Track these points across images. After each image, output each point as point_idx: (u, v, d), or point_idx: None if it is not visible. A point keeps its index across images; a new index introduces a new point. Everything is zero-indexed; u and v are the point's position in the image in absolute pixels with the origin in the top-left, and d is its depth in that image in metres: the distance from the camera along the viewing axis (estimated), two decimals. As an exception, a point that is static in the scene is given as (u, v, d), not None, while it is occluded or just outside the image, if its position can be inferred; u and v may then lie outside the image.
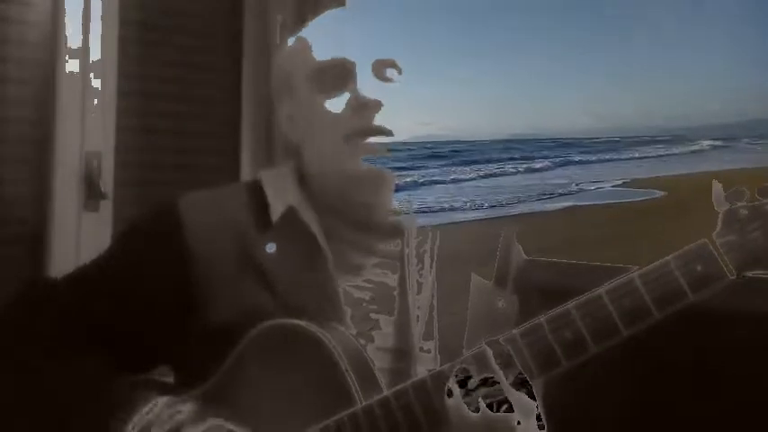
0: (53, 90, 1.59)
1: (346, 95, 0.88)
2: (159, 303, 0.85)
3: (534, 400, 0.69)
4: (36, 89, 1.59)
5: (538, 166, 25.21)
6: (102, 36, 1.64)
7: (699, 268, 0.71)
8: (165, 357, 0.89)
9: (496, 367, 0.70)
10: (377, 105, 0.87)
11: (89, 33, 1.63)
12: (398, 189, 0.96)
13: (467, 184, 19.70)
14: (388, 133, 0.88)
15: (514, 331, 0.73)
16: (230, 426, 0.77)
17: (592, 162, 27.97)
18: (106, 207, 1.64)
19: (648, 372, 1.25)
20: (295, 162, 0.96)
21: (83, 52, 1.62)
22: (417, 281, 0.94)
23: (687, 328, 1.18)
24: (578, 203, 13.56)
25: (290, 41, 0.98)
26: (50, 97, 1.59)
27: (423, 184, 18.69)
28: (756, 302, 1.14)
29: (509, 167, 24.47)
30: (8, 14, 1.56)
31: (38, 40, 1.59)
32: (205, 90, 1.85)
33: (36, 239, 1.57)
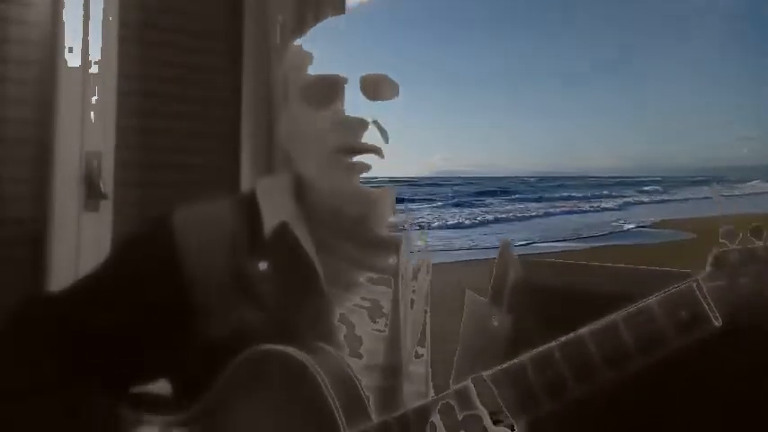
0: (53, 90, 1.59)
1: (335, 110, 0.86)
2: (155, 317, 0.84)
3: None
4: (36, 89, 1.59)
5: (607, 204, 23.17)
6: (103, 36, 1.65)
7: (683, 314, 0.69)
8: (162, 370, 0.88)
9: (479, 404, 0.69)
10: (361, 124, 0.85)
11: (89, 33, 1.63)
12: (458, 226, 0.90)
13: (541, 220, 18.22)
14: (377, 152, 0.86)
15: (498, 369, 0.72)
16: None
17: (645, 203, 25.43)
18: (106, 207, 1.65)
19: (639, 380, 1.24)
20: (292, 172, 0.95)
21: (83, 52, 1.62)
22: (411, 296, 0.92)
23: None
24: (607, 243, 13.13)
25: (293, 46, 0.95)
26: (50, 97, 1.59)
27: (483, 222, 16.79)
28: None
29: (573, 205, 22.51)
30: (8, 14, 1.56)
31: (38, 40, 1.60)
32: (205, 90, 1.85)
33: (36, 239, 1.58)
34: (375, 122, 0.86)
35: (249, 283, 0.84)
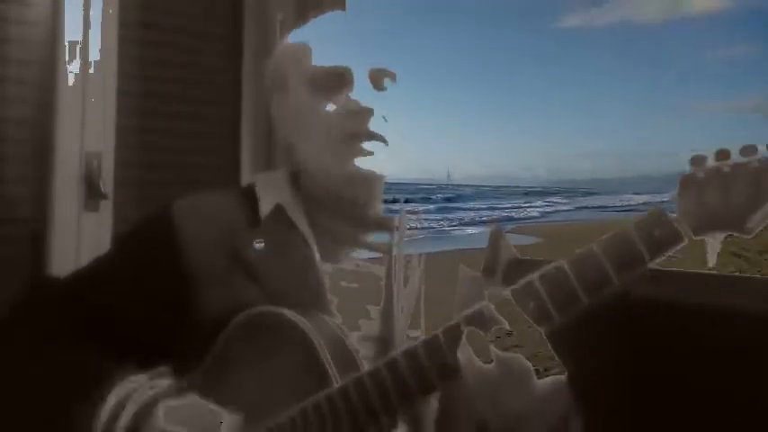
0: (53, 90, 1.59)
1: (341, 99, 0.92)
2: (156, 302, 0.88)
3: None
4: (36, 89, 1.59)
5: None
6: (102, 36, 1.64)
7: (656, 233, 0.73)
8: (163, 354, 0.91)
9: (501, 318, 0.73)
10: (369, 112, 0.91)
11: (89, 33, 1.63)
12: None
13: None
14: (382, 139, 0.92)
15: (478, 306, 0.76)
16: (208, 405, 0.80)
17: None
18: (106, 207, 1.64)
19: (645, 373, 1.24)
20: (289, 160, 1.00)
21: (83, 52, 1.62)
22: (405, 272, 0.96)
23: (683, 327, 1.18)
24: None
25: (288, 39, 1.01)
26: (50, 97, 1.59)
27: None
28: (745, 301, 1.14)
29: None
30: (8, 14, 1.56)
31: (38, 40, 1.59)
32: (205, 90, 1.85)
33: (36, 239, 1.57)
34: (382, 118, 0.92)
35: (247, 263, 0.89)
